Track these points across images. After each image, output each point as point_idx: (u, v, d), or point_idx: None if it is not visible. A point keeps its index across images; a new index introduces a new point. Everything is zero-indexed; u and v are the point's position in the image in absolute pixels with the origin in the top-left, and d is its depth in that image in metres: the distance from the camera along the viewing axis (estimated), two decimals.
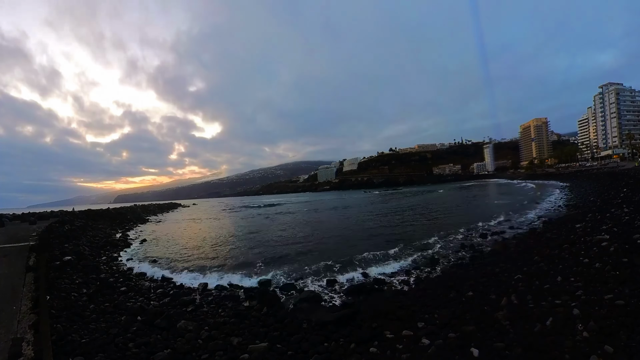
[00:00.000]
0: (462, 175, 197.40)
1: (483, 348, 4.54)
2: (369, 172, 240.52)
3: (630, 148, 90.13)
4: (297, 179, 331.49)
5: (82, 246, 15.74)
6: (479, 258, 10.89)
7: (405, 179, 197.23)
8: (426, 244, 14.11)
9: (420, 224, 21.33)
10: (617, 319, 4.45)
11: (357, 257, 12.67)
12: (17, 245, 10.70)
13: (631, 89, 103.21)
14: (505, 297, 6.23)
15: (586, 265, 7.06)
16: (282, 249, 15.64)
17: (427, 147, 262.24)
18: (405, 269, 10.74)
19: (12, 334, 4.43)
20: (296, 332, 6.25)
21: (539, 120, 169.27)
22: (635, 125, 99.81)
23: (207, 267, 12.83)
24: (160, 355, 5.29)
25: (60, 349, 5.19)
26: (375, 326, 5.98)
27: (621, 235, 8.56)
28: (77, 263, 11.50)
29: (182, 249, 17.78)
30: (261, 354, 5.33)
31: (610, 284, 5.64)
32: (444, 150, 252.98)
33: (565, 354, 4.00)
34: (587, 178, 45.31)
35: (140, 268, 12.82)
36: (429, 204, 39.58)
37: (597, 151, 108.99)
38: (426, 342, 5.07)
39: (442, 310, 6.24)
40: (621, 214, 12.08)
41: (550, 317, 4.95)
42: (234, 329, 6.51)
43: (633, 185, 21.76)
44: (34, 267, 7.59)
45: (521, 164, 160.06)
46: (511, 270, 8.14)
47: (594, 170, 61.79)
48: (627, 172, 35.77)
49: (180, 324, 6.57)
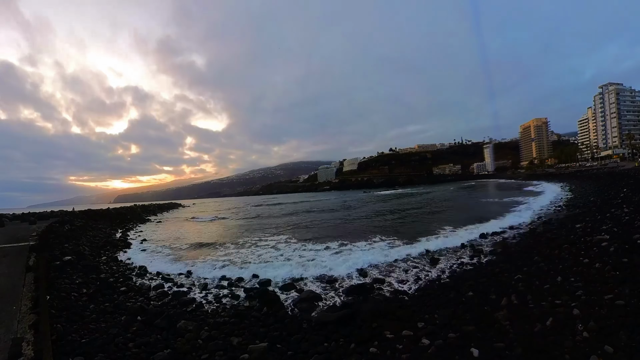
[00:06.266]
0: (462, 175, 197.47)
1: (483, 348, 4.55)
2: (369, 172, 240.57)
3: (630, 148, 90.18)
4: (297, 179, 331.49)
5: (82, 246, 15.73)
6: (479, 258, 10.90)
7: (405, 179, 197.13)
8: (426, 244, 14.11)
9: (420, 224, 21.31)
10: (617, 319, 4.46)
11: (356, 256, 12.67)
12: (17, 245, 10.72)
13: (631, 89, 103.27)
14: (505, 297, 6.23)
15: (586, 265, 7.06)
16: (282, 249, 15.63)
17: (427, 147, 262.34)
18: (404, 268, 10.74)
19: (12, 334, 4.44)
20: (296, 332, 6.25)
21: (539, 120, 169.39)
22: (635, 125, 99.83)
23: (207, 267, 12.82)
24: (160, 355, 5.29)
25: (60, 349, 5.19)
26: (375, 326, 5.98)
27: (621, 235, 8.57)
28: (77, 263, 11.49)
29: (182, 248, 17.77)
30: (261, 354, 5.33)
31: (610, 284, 5.65)
32: (444, 150, 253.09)
33: (565, 354, 4.01)
34: (587, 178, 45.28)
35: (140, 268, 12.81)
36: (428, 203, 39.56)
37: (597, 151, 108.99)
38: (426, 342, 5.07)
39: (442, 310, 6.24)
40: (621, 214, 12.08)
41: (550, 317, 4.96)
42: (234, 329, 6.51)
43: (633, 185, 21.77)
44: (34, 267, 7.60)
45: (521, 164, 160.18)
46: (511, 270, 8.15)
47: (593, 170, 61.80)
48: (627, 172, 35.78)
49: (180, 324, 6.56)
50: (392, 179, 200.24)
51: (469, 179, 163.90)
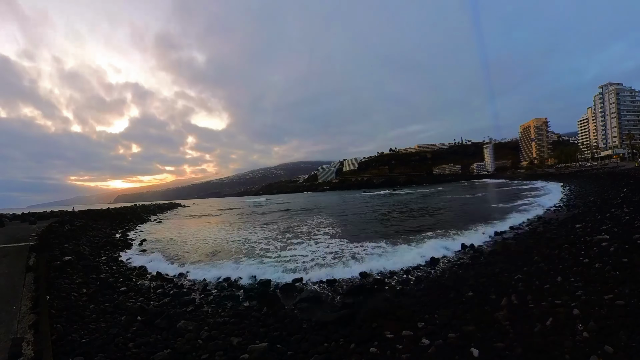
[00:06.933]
0: (462, 175, 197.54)
1: (483, 348, 4.55)
2: (369, 172, 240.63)
3: (630, 148, 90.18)
4: (297, 179, 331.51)
5: (82, 246, 15.72)
6: (479, 258, 10.90)
7: (405, 179, 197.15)
8: (426, 244, 14.10)
9: (420, 224, 21.29)
10: (617, 319, 4.46)
11: (356, 256, 12.68)
12: (17, 245, 10.71)
13: (631, 89, 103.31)
14: (505, 297, 6.23)
15: (586, 265, 7.07)
16: (282, 249, 15.63)
17: (427, 147, 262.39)
18: (404, 268, 10.73)
19: (12, 334, 4.44)
20: (296, 332, 6.25)
21: (539, 120, 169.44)
22: (635, 125, 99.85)
23: (207, 267, 12.81)
24: (160, 355, 5.29)
25: (60, 349, 5.18)
26: (375, 326, 5.98)
27: (621, 235, 8.57)
28: (77, 263, 11.48)
29: (182, 248, 17.77)
30: (261, 354, 5.32)
31: (610, 284, 5.65)
32: (444, 150, 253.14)
33: (565, 354, 4.01)
34: (587, 178, 45.29)
35: (140, 268, 12.81)
36: (428, 203, 39.58)
37: (597, 151, 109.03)
38: (426, 342, 5.07)
39: (442, 310, 6.24)
40: (621, 214, 12.09)
41: (550, 317, 4.96)
42: (234, 329, 6.51)
43: (633, 185, 21.78)
44: (34, 267, 7.61)
45: (521, 164, 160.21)
46: (511, 270, 8.14)
47: (593, 170, 61.82)
48: (627, 172, 35.81)
49: (180, 324, 6.56)
50: (392, 179, 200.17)
51: (469, 179, 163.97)
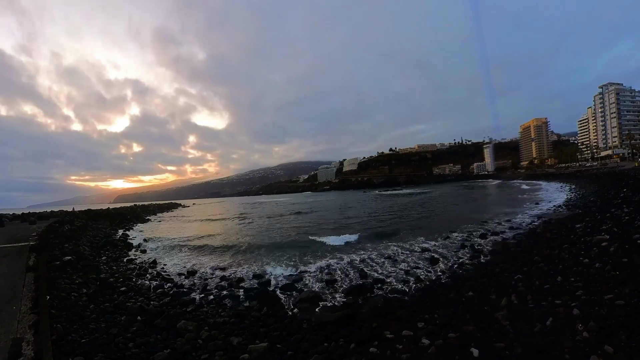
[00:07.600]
0: (462, 176, 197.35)
1: (483, 348, 4.55)
2: (369, 172, 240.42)
3: (630, 148, 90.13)
4: (297, 179, 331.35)
5: (82, 246, 15.72)
6: (478, 258, 10.91)
7: (405, 179, 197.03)
8: (426, 244, 14.11)
9: (420, 224, 21.30)
10: (617, 319, 4.46)
11: (356, 256, 12.68)
12: (17, 245, 10.71)
13: (631, 89, 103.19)
14: (505, 297, 6.23)
15: (586, 265, 7.06)
16: (282, 249, 15.63)
17: (427, 147, 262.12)
18: (405, 269, 10.73)
19: (12, 334, 4.44)
20: (296, 332, 6.26)
21: (539, 120, 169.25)
22: (635, 125, 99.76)
23: (207, 267, 12.83)
24: (160, 355, 5.29)
25: (60, 349, 5.19)
26: (375, 326, 5.98)
27: (621, 235, 8.56)
28: (77, 263, 11.48)
29: (182, 249, 17.76)
30: (261, 354, 5.33)
31: (610, 284, 5.64)
32: (444, 151, 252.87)
33: (565, 354, 4.01)
34: (587, 178, 45.31)
35: (140, 268, 12.80)
36: (428, 204, 39.57)
37: (597, 151, 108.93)
38: (426, 342, 5.07)
39: (442, 310, 6.24)
40: (621, 214, 12.08)
41: (550, 317, 4.96)
42: (234, 329, 6.51)
43: (633, 185, 21.78)
44: (34, 267, 7.60)
45: (521, 164, 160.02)
46: (511, 270, 8.15)
47: (593, 170, 61.80)
48: (627, 172, 35.78)
49: (180, 324, 6.56)
50: (392, 179, 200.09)
51: (469, 179, 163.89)
